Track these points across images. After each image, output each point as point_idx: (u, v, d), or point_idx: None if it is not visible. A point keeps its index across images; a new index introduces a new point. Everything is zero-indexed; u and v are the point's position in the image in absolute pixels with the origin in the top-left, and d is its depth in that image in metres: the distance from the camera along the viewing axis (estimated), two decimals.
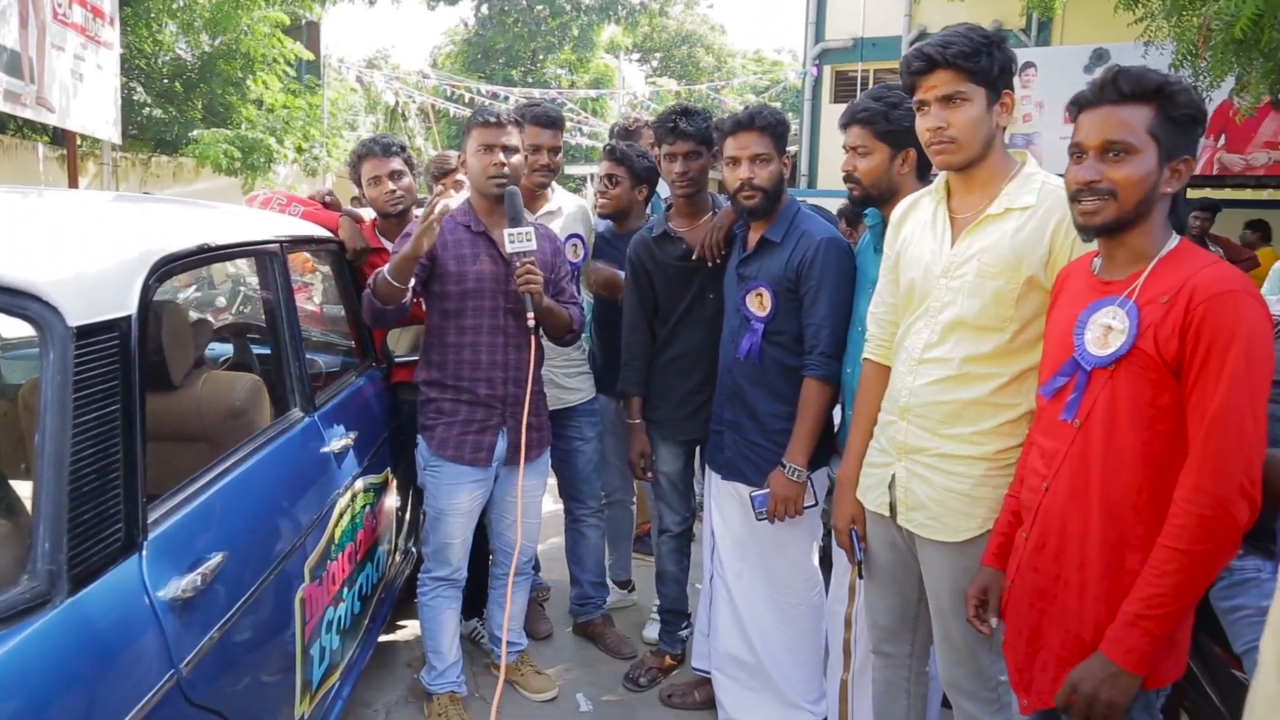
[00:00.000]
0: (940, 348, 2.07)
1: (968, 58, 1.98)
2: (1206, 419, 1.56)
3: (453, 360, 2.86)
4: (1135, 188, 1.66)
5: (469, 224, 2.89)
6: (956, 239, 2.08)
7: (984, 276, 2.00)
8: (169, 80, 13.00)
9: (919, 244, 2.17)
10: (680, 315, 3.10)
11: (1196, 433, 1.58)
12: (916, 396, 2.11)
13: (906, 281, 2.18)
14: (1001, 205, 2.02)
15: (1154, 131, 1.66)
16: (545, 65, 28.39)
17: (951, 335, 2.06)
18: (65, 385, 1.46)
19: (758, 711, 2.98)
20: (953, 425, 2.06)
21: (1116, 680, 1.63)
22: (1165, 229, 1.73)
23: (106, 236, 1.79)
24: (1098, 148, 1.69)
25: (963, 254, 2.05)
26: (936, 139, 2.03)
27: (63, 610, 1.40)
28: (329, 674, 2.44)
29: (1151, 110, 1.65)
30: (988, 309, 2.00)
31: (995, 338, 2.00)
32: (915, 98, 2.07)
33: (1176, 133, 1.67)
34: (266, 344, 2.72)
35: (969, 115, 2.00)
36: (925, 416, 2.10)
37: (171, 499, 1.79)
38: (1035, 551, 1.82)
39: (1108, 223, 1.69)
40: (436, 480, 2.92)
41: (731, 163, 2.72)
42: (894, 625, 2.39)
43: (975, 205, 2.07)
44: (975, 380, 2.03)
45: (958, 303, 2.04)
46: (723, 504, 2.97)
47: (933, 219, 2.15)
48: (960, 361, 2.04)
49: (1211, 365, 1.57)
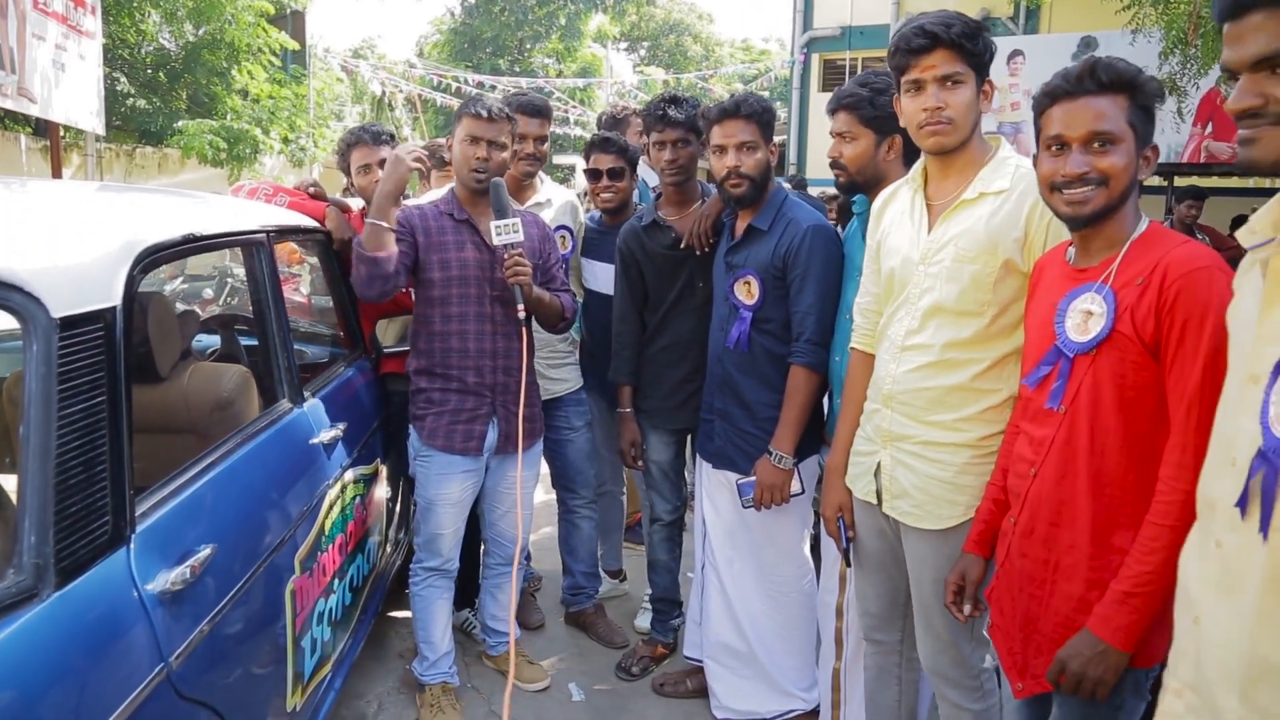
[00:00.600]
0: (921, 334, 2.08)
1: (969, 38, 1.98)
2: (1186, 396, 1.58)
3: (440, 349, 2.85)
4: (1123, 175, 1.69)
5: (452, 212, 2.88)
6: (933, 225, 2.09)
7: (961, 261, 2.01)
8: (153, 70, 12.89)
9: (898, 232, 2.18)
10: (670, 304, 3.09)
11: (1177, 410, 1.60)
12: (899, 384, 2.12)
13: (887, 270, 2.19)
14: (976, 190, 2.03)
15: (1131, 120, 1.69)
16: (532, 54, 28.28)
17: (931, 321, 2.07)
18: (49, 377, 1.44)
19: (750, 699, 2.99)
20: (936, 412, 2.07)
21: (1105, 657, 1.65)
22: (1136, 214, 1.76)
23: (90, 227, 1.76)
24: (1082, 139, 1.70)
25: (939, 240, 2.06)
26: (933, 119, 2.02)
27: (50, 604, 1.39)
28: (321, 665, 2.44)
29: (1127, 100, 1.69)
30: (966, 294, 2.01)
31: (974, 322, 2.01)
32: (908, 77, 2.05)
33: (1147, 121, 1.71)
34: (254, 335, 2.70)
35: (965, 97, 2.01)
36: (908, 404, 2.11)
37: (159, 491, 1.77)
38: (1024, 537, 1.84)
39: (1098, 211, 1.70)
40: (426, 470, 2.91)
41: (718, 151, 2.71)
42: (884, 612, 2.40)
43: (951, 191, 2.08)
44: (956, 366, 2.04)
45: (936, 288, 2.05)
46: (714, 492, 2.97)
47: (910, 206, 2.16)
48: (941, 347, 2.05)
49: (1188, 342, 1.58)
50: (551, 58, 28.30)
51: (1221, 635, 1.26)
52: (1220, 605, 1.27)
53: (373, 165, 3.26)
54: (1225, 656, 1.25)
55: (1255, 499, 1.21)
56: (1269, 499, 1.19)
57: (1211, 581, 1.30)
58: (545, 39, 28.28)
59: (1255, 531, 1.21)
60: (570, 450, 3.47)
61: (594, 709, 3.15)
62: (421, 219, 2.85)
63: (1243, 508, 1.24)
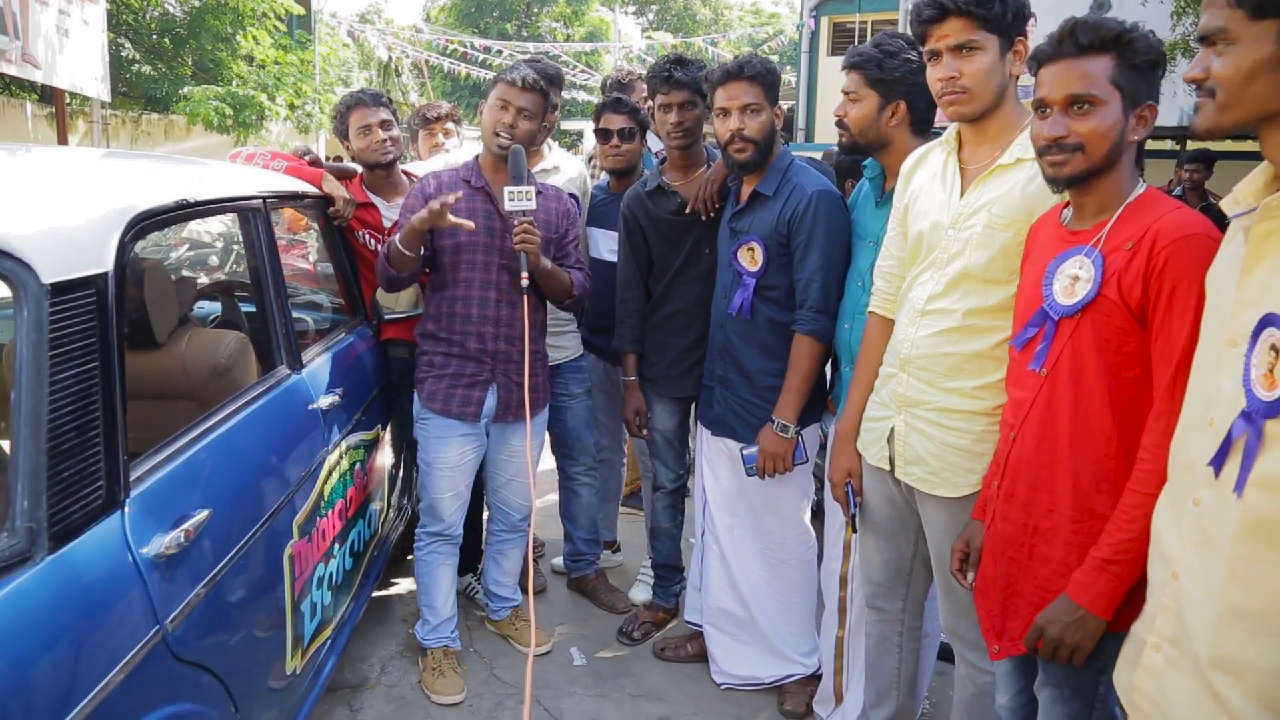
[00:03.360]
0: (945, 299, 2.05)
1: (980, 4, 1.93)
2: (1172, 363, 1.56)
3: (446, 313, 2.87)
4: (1102, 139, 1.67)
5: (470, 179, 2.87)
6: (966, 190, 2.05)
7: (993, 228, 1.98)
8: (158, 36, 12.81)
9: (928, 195, 2.14)
10: (675, 271, 3.07)
11: (1162, 377, 1.59)
12: (918, 348, 2.10)
13: (914, 233, 2.15)
14: (1013, 155, 1.98)
15: (1116, 81, 1.66)
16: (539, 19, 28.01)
17: (958, 287, 2.03)
18: (40, 343, 1.44)
19: (750, 664, 3.01)
20: (954, 378, 2.05)
21: (1083, 624, 1.65)
22: (1132, 177, 1.73)
23: (83, 192, 1.75)
24: (1062, 102, 1.68)
25: (972, 205, 2.02)
26: (948, 89, 1.99)
27: (43, 567, 1.39)
28: (321, 629, 2.46)
29: (1112, 60, 1.66)
30: (995, 261, 1.97)
31: (1001, 290, 1.98)
32: (926, 47, 2.03)
33: (1139, 80, 1.67)
34: (252, 301, 2.70)
35: (981, 64, 1.96)
36: (927, 369, 2.09)
37: (155, 456, 1.77)
38: (1005, 501, 1.84)
39: (1076, 174, 1.70)
40: (425, 432, 2.94)
41: (721, 114, 2.67)
42: (888, 580, 2.40)
43: (986, 156, 2.04)
44: (978, 333, 2.01)
45: (966, 254, 2.01)
46: (713, 460, 2.97)
47: (943, 170, 2.12)
48: (964, 314, 2.02)
49: (1176, 309, 1.57)
50: (559, 22, 28.02)
51: (1201, 590, 1.31)
52: (1199, 561, 1.32)
53: (373, 125, 3.21)
54: (1203, 609, 1.29)
55: (1235, 458, 1.25)
56: (1249, 458, 1.22)
57: (1191, 538, 1.34)
58: (552, 3, 28.00)
59: (1230, 490, 1.25)
60: (569, 417, 3.47)
61: (595, 673, 3.18)
62: (437, 189, 2.85)
63: (1217, 466, 1.28)
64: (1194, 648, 1.30)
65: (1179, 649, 1.35)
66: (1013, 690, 1.99)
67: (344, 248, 3.27)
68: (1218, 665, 1.26)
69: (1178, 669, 1.35)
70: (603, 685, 3.11)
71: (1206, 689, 1.28)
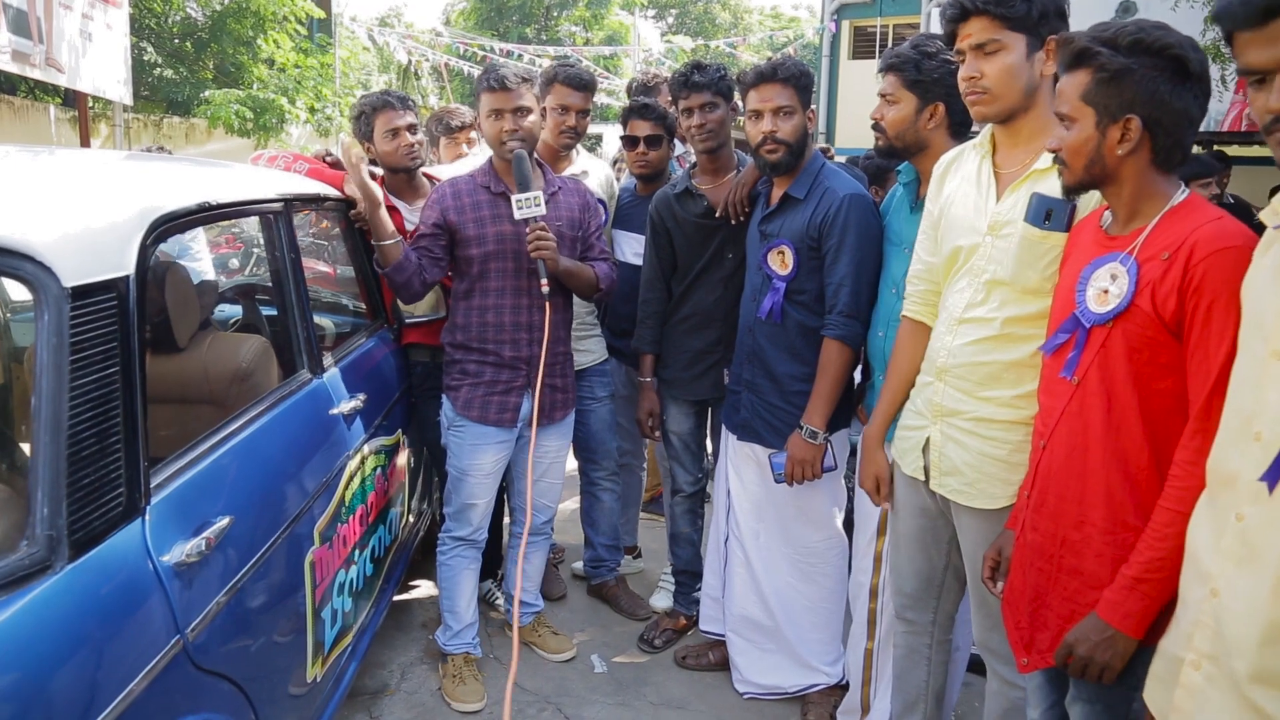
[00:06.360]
0: (982, 307, 2.00)
1: (1000, 4, 1.90)
2: (1210, 379, 1.51)
3: (477, 323, 2.85)
4: (1077, 152, 1.68)
5: (489, 185, 2.85)
6: (1001, 195, 2.00)
7: (1030, 237, 1.92)
8: (179, 40, 12.92)
9: (962, 200, 2.09)
10: (697, 273, 3.04)
11: (1199, 393, 1.54)
12: (955, 357, 2.05)
13: (948, 238, 2.11)
14: (1048, 160, 1.92)
15: (1088, 99, 1.66)
16: (559, 23, 28.04)
17: (995, 295, 1.98)
18: (61, 347, 1.42)
19: (773, 673, 2.97)
20: (991, 387, 2.00)
21: (1113, 643, 1.61)
22: (1170, 182, 1.68)
23: (104, 195, 1.73)
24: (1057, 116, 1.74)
25: (1008, 211, 1.97)
26: (971, 89, 1.97)
27: (63, 576, 1.37)
28: (342, 636, 2.43)
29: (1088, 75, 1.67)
30: (1031, 270, 1.92)
31: (1040, 301, 1.92)
32: (956, 47, 2.00)
33: (1111, 89, 1.63)
34: (273, 305, 2.68)
35: (1003, 64, 1.92)
36: (964, 378, 2.04)
37: (176, 462, 1.75)
38: (1035, 510, 1.81)
39: (1069, 187, 1.74)
40: (460, 440, 2.91)
41: (754, 116, 2.64)
42: (918, 592, 2.36)
43: (1021, 160, 1.99)
44: (1016, 341, 1.96)
45: (1002, 262, 1.96)
46: (739, 465, 2.92)
47: (977, 174, 2.07)
48: (1003, 322, 1.97)
49: (1214, 324, 1.51)
50: (578, 25, 28.03)
51: (1243, 606, 1.28)
52: (1241, 576, 1.30)
53: (400, 130, 3.16)
54: (1246, 625, 1.27)
55: None
56: None
57: (1232, 554, 1.32)
58: (572, 6, 28.01)
59: None
60: (592, 420, 3.44)
61: (616, 681, 3.14)
62: (455, 196, 2.83)
63: (1272, 481, 1.24)
64: (1232, 664, 1.28)
65: (1218, 666, 1.32)
66: (1045, 705, 1.95)
67: (365, 250, 3.25)
68: (1261, 680, 1.24)
69: (1216, 686, 1.33)
70: (623, 693, 3.07)
71: (1247, 705, 1.26)
